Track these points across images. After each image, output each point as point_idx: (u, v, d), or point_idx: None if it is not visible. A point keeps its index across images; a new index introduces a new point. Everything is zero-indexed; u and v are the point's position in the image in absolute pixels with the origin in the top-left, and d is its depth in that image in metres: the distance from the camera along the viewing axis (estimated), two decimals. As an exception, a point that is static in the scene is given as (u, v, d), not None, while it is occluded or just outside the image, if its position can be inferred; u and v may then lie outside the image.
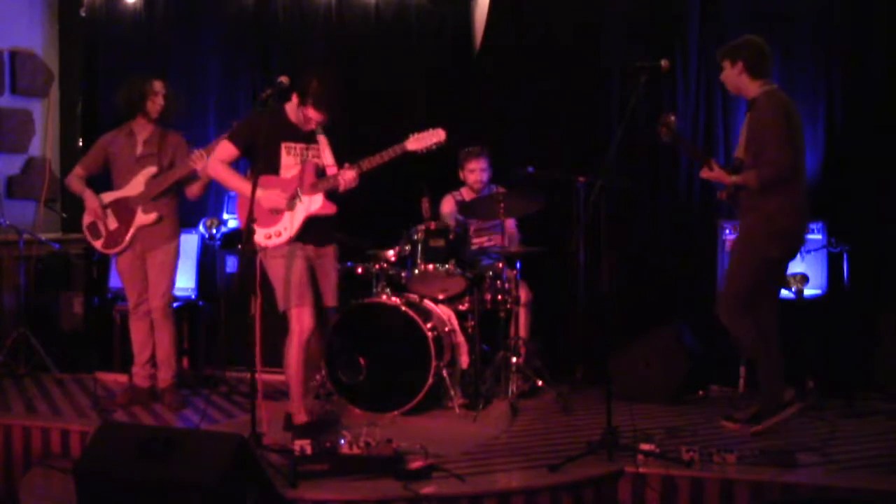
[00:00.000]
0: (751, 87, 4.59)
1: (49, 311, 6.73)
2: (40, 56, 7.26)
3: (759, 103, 4.53)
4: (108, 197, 5.34)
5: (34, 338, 6.16)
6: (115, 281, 6.51)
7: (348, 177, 4.51)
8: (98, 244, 5.36)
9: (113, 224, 5.31)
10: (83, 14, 7.04)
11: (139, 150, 5.29)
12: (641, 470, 4.00)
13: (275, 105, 4.57)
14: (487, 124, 6.22)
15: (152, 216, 5.26)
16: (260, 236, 4.56)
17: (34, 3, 7.30)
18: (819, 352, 5.35)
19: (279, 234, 4.55)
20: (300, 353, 4.54)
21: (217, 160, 4.63)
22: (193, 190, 5.33)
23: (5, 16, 7.06)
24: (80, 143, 7.10)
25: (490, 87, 6.32)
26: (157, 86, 5.31)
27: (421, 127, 4.62)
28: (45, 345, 6.17)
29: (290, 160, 4.58)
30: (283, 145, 4.57)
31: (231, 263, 6.40)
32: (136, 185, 5.27)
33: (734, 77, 4.62)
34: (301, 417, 4.58)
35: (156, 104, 5.28)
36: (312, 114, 4.47)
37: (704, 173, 4.68)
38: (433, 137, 4.56)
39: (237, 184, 4.61)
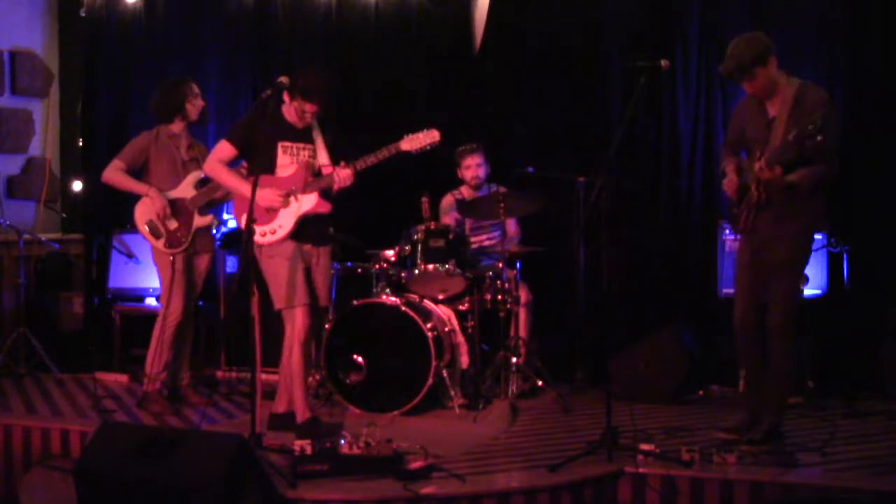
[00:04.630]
0: (781, 79, 4.29)
1: (49, 311, 6.74)
2: (40, 56, 7.26)
3: (813, 96, 4.20)
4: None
5: (34, 338, 6.16)
6: (114, 281, 6.51)
7: (343, 175, 4.53)
8: (160, 243, 5.25)
9: (173, 224, 5.24)
10: (83, 14, 7.03)
11: (185, 153, 5.31)
12: (641, 470, 4.00)
13: (273, 106, 4.57)
14: (487, 124, 6.21)
15: (209, 218, 5.33)
16: (256, 234, 4.57)
17: (34, 3, 7.30)
18: (819, 352, 5.35)
19: (274, 232, 4.57)
20: (302, 352, 4.53)
21: (215, 159, 4.65)
22: (221, 192, 5.30)
23: (5, 16, 7.06)
24: (80, 143, 7.10)
25: (490, 87, 6.32)
26: (195, 87, 5.34)
27: (421, 126, 4.61)
28: (45, 345, 6.17)
29: (285, 159, 4.62)
30: (279, 145, 4.60)
31: (231, 263, 6.40)
32: (186, 188, 5.28)
33: (773, 75, 4.25)
34: (305, 414, 4.56)
35: (196, 106, 5.33)
36: (304, 106, 4.50)
37: (766, 173, 4.09)
38: (427, 139, 4.56)
39: (235, 183, 4.63)
